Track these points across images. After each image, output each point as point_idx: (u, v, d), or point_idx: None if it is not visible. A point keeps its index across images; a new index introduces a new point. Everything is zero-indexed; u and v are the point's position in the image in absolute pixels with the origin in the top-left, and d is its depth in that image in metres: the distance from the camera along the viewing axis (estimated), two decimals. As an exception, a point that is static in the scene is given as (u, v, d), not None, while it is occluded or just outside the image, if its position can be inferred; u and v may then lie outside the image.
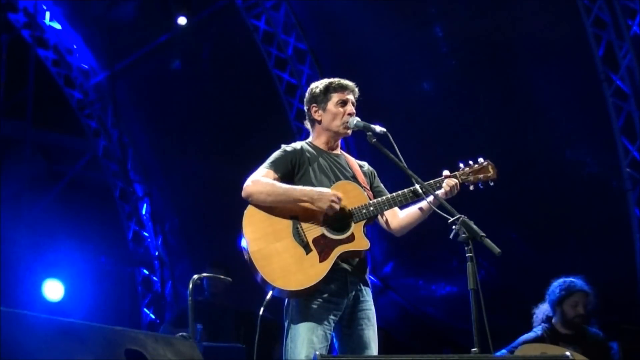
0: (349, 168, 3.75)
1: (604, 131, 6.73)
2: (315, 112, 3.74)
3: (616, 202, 6.77)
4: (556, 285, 5.19)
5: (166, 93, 9.99)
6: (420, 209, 3.66)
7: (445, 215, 3.27)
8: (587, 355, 4.74)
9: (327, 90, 3.72)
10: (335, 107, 3.70)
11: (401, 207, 3.69)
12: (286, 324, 3.50)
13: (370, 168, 3.88)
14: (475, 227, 3.11)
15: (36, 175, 10.49)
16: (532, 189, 7.30)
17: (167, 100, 10.04)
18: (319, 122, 3.74)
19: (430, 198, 3.56)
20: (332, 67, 8.70)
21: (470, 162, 3.70)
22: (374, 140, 3.56)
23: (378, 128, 3.60)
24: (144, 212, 10.66)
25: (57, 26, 10.07)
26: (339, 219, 3.50)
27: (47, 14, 9.97)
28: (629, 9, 6.60)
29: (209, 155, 9.97)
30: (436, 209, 3.48)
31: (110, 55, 9.61)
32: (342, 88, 3.74)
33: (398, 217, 3.73)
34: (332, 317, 3.45)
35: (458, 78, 7.68)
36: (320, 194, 3.45)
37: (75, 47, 10.22)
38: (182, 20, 8.52)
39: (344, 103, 3.71)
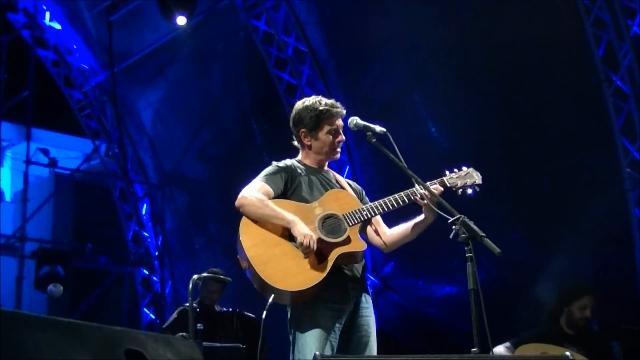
0: (337, 184, 3.78)
1: (604, 131, 6.73)
2: (305, 137, 3.73)
3: (616, 202, 6.77)
4: (566, 286, 5.22)
5: (166, 93, 9.99)
6: (414, 225, 3.66)
7: (445, 215, 3.26)
8: (590, 357, 4.74)
9: (319, 119, 3.68)
10: (326, 136, 3.70)
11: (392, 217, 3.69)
12: (291, 336, 3.49)
13: (359, 187, 3.92)
14: (475, 227, 3.10)
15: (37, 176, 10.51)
16: (532, 189, 7.30)
17: (167, 100, 10.04)
18: (309, 146, 3.74)
19: (420, 219, 3.60)
20: (332, 67, 8.70)
21: (455, 170, 3.72)
22: (374, 140, 3.56)
23: (378, 128, 3.60)
24: (144, 212, 10.66)
25: (57, 26, 10.07)
26: (333, 224, 3.52)
27: (47, 14, 9.97)
28: (628, 9, 6.60)
29: (210, 156, 9.98)
30: (437, 213, 3.47)
31: (110, 55, 9.60)
32: (333, 116, 3.70)
33: (386, 234, 3.74)
34: (337, 325, 3.46)
35: (458, 78, 7.68)
36: (301, 231, 3.40)
37: (75, 47, 10.22)
38: (182, 20, 8.49)
39: (335, 132, 3.71)
